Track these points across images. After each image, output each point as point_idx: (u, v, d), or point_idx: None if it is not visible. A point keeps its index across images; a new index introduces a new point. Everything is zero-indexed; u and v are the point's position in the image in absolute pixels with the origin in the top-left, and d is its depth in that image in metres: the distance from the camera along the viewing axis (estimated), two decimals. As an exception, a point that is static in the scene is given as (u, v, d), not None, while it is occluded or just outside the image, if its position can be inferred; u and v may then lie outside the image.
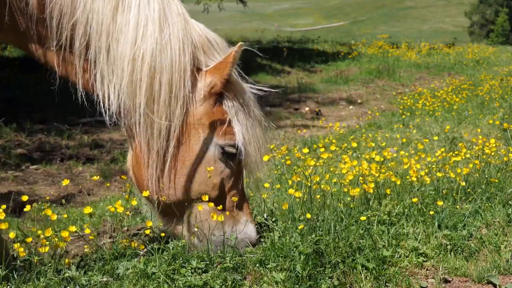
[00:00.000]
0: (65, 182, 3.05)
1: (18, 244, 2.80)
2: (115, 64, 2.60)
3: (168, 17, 2.64)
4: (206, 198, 2.73)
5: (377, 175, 3.84)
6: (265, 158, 2.93)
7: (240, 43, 2.68)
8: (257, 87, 2.91)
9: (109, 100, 2.62)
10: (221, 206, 2.78)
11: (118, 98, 2.61)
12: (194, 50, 2.70)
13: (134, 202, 3.06)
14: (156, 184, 2.72)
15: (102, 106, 2.63)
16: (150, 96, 2.62)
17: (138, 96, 2.61)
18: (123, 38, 2.58)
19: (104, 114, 2.65)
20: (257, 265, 2.66)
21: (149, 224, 2.96)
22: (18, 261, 2.63)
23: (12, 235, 2.71)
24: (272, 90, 3.03)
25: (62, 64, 2.67)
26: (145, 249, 2.83)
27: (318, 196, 3.43)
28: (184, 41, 2.65)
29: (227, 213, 2.81)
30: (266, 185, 3.59)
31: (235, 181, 2.84)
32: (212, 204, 2.74)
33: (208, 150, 2.75)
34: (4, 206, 2.64)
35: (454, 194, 3.73)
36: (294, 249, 2.69)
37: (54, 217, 2.75)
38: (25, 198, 2.82)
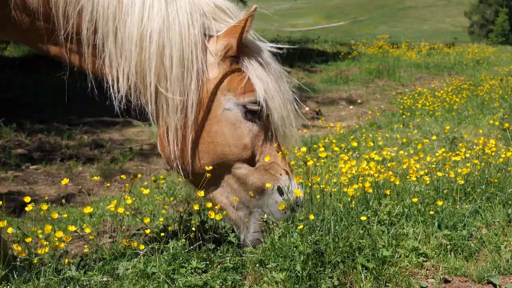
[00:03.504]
0: (65, 181, 3.05)
1: (18, 244, 2.80)
2: (123, 46, 2.60)
3: None
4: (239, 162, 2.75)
5: (376, 175, 3.84)
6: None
7: (254, 6, 2.69)
8: (278, 46, 2.92)
9: (118, 83, 2.63)
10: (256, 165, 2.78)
11: (128, 80, 2.62)
12: (204, 20, 2.70)
13: (129, 201, 3.05)
14: (184, 158, 2.72)
15: (112, 90, 2.64)
16: (161, 73, 2.62)
17: (148, 75, 2.61)
18: (130, 20, 2.58)
19: (114, 99, 2.64)
20: (257, 265, 2.66)
21: (147, 220, 2.96)
22: (17, 261, 2.63)
23: (10, 230, 2.70)
24: (291, 47, 3.10)
25: (70, 53, 2.67)
26: (145, 249, 2.83)
27: (318, 196, 3.43)
28: (193, 13, 2.65)
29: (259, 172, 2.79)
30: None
31: (266, 138, 2.82)
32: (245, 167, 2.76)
33: (231, 111, 2.74)
34: (0, 203, 2.65)
35: (454, 194, 3.72)
36: (294, 249, 2.69)
37: (55, 215, 2.75)
38: (26, 199, 2.82)
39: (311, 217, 2.98)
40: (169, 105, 2.66)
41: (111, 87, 2.64)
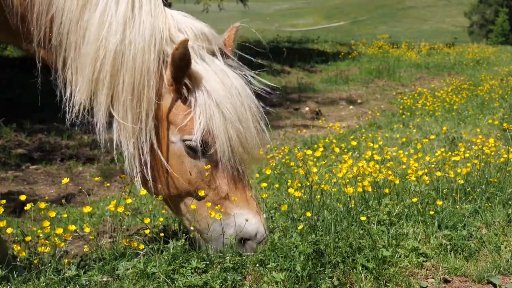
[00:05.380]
0: (65, 180, 3.05)
1: (18, 244, 2.80)
2: (81, 63, 2.58)
3: (136, 14, 2.58)
4: (198, 193, 2.70)
5: (375, 175, 3.84)
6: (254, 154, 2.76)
7: (183, 39, 2.55)
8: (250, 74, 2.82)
9: (74, 98, 2.61)
10: (208, 202, 2.71)
11: (83, 97, 2.59)
12: (166, 46, 2.63)
13: (129, 201, 3.05)
14: (144, 182, 2.73)
15: (67, 104, 2.62)
16: (114, 96, 2.59)
17: (99, 96, 2.58)
18: (87, 37, 2.55)
19: (67, 112, 2.63)
20: (257, 265, 2.66)
21: (147, 221, 2.96)
22: (17, 261, 2.63)
23: (9, 230, 2.70)
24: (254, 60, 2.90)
25: (44, 61, 2.68)
26: (145, 249, 2.83)
27: (318, 196, 3.43)
28: (151, 38, 2.58)
29: (208, 204, 2.70)
30: (264, 184, 3.59)
31: (215, 173, 2.73)
32: (189, 202, 2.72)
33: (176, 145, 2.70)
34: (3, 201, 2.65)
35: (454, 194, 3.72)
36: (294, 249, 2.69)
37: (53, 214, 2.75)
38: (22, 197, 2.83)
39: (308, 214, 2.97)
40: (122, 130, 2.63)
41: (68, 100, 2.62)
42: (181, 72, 2.60)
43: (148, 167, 2.66)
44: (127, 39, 2.55)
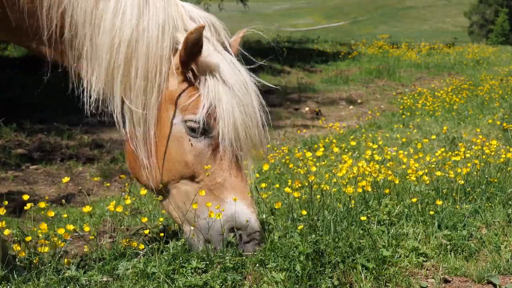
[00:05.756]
0: (66, 180, 3.05)
1: (18, 244, 2.80)
2: (97, 53, 2.60)
3: (150, 1, 2.61)
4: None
5: (375, 175, 3.84)
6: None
7: (200, 25, 2.58)
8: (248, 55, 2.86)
9: (91, 88, 2.63)
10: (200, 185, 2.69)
11: (98, 86, 2.62)
12: (176, 34, 2.67)
13: (128, 201, 3.06)
14: (151, 172, 2.72)
15: (85, 94, 2.64)
16: (127, 84, 2.62)
17: (115, 84, 2.61)
18: (102, 26, 2.57)
19: (85, 102, 2.65)
20: (257, 265, 2.66)
21: (144, 220, 2.96)
22: (17, 261, 2.63)
23: (7, 232, 2.70)
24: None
25: (55, 55, 2.69)
26: (145, 249, 2.83)
27: (318, 196, 3.43)
28: (164, 27, 2.61)
29: (202, 192, 2.68)
30: (264, 185, 3.60)
31: (214, 157, 2.72)
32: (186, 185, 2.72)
33: (177, 126, 2.71)
34: (6, 202, 2.65)
35: (454, 194, 3.73)
36: (294, 249, 2.69)
37: (52, 213, 2.75)
38: (25, 197, 2.83)
39: (304, 212, 2.97)
40: (133, 116, 2.65)
41: (84, 90, 2.65)
42: (192, 57, 2.63)
43: (153, 151, 2.68)
44: (141, 27, 2.58)
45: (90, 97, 2.64)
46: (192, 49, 2.60)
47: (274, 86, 3.01)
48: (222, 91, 2.68)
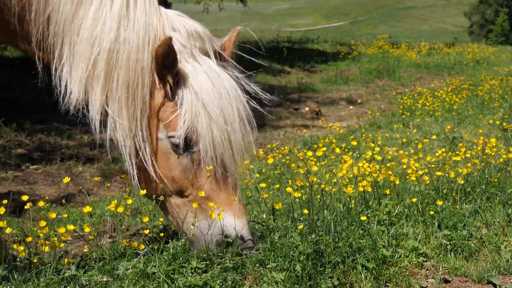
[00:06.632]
0: (66, 180, 3.06)
1: (18, 244, 2.80)
2: (75, 60, 2.59)
3: (131, 12, 2.59)
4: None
5: (375, 175, 3.84)
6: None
7: (166, 36, 2.54)
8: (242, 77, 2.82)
9: (70, 94, 2.62)
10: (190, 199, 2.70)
11: (78, 94, 2.60)
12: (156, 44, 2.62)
13: (129, 201, 3.06)
14: (138, 181, 2.74)
15: (65, 99, 2.63)
16: (109, 95, 2.60)
17: (95, 94, 2.59)
18: (81, 35, 2.56)
19: (66, 108, 2.65)
20: (257, 265, 2.66)
21: (145, 219, 2.96)
22: (17, 261, 2.63)
23: (8, 230, 2.70)
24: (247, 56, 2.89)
25: (43, 57, 2.69)
26: (145, 249, 2.83)
27: (318, 196, 3.43)
28: (145, 37, 2.58)
29: (194, 205, 2.68)
30: (263, 185, 3.60)
31: (199, 174, 2.70)
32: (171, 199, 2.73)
33: (163, 142, 2.70)
34: (5, 201, 2.65)
35: (454, 194, 3.72)
36: (294, 249, 2.69)
37: (53, 215, 2.75)
38: (25, 197, 2.83)
39: (305, 211, 2.96)
40: (117, 128, 2.63)
41: (64, 96, 2.64)
42: (166, 69, 2.60)
43: (149, 164, 2.67)
44: (122, 37, 2.56)
45: (70, 103, 2.63)
46: (163, 62, 2.57)
47: (267, 96, 2.93)
48: (200, 106, 2.64)
